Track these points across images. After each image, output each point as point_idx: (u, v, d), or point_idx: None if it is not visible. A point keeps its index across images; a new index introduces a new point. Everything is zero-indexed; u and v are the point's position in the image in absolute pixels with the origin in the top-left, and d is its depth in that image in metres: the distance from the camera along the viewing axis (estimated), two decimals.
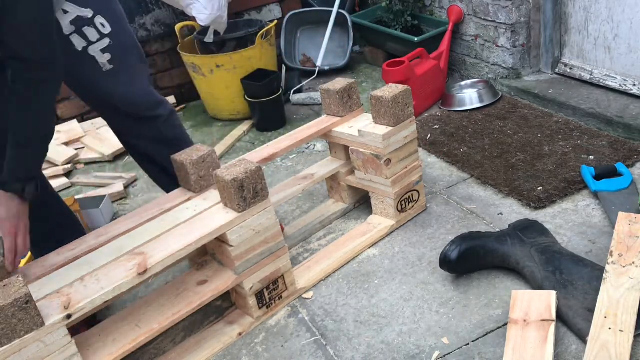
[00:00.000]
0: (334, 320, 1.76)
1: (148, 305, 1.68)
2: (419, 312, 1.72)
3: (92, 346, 1.56)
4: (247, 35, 3.16)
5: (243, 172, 1.63)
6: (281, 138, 2.12)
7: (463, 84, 3.05)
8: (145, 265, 1.51)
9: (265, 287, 1.78)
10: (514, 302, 1.59)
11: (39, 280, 1.54)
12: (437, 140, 2.63)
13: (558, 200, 2.09)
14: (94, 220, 2.45)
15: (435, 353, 1.57)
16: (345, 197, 2.26)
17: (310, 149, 2.81)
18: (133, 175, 2.84)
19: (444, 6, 3.24)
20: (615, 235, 1.69)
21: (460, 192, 2.25)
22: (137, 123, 1.91)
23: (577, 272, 1.65)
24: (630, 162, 2.21)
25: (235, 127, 3.18)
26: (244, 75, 3.12)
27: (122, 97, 1.84)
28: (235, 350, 1.72)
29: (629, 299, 1.50)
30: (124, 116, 1.89)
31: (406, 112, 1.99)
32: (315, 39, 3.77)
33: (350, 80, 2.15)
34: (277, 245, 1.77)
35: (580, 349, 1.49)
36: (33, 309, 1.33)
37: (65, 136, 3.24)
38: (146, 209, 1.82)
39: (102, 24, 1.74)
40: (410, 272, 1.88)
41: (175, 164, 1.85)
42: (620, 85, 2.60)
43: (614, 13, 2.57)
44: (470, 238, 1.80)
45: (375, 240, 2.05)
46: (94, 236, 1.71)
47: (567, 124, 2.54)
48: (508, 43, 2.89)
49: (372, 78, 3.51)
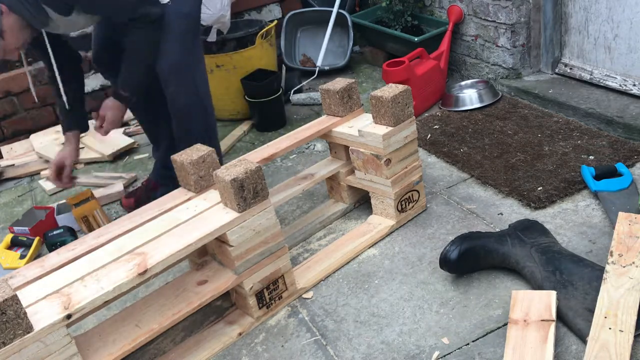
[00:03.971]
0: (334, 320, 1.76)
1: (148, 305, 1.68)
2: (419, 312, 1.72)
3: (92, 346, 1.56)
4: (247, 35, 3.16)
5: (243, 172, 1.63)
6: (281, 138, 2.12)
7: (463, 84, 3.05)
8: (145, 265, 1.51)
9: (265, 287, 1.78)
10: (514, 302, 1.59)
11: (39, 280, 1.54)
12: (437, 140, 2.63)
13: (558, 200, 2.09)
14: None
15: (435, 353, 1.57)
16: (345, 197, 2.26)
17: (310, 149, 2.81)
18: (133, 175, 2.85)
19: (444, 6, 3.24)
20: (615, 235, 1.69)
21: (460, 192, 2.25)
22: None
23: (577, 272, 1.65)
24: (630, 162, 2.21)
25: (235, 127, 3.18)
26: (244, 75, 3.12)
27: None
28: (235, 350, 1.72)
29: (629, 299, 1.50)
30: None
31: (406, 112, 1.99)
32: (315, 39, 3.77)
33: (350, 80, 2.15)
34: (277, 245, 1.77)
35: (580, 349, 1.49)
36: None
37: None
38: (146, 209, 1.83)
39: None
40: (410, 272, 1.88)
41: (175, 164, 1.85)
42: (620, 85, 2.60)
43: (614, 13, 2.57)
44: (470, 238, 1.80)
45: (375, 240, 2.05)
46: (94, 236, 1.72)
47: (567, 124, 2.54)
48: (508, 43, 2.89)
49: (372, 78, 3.51)
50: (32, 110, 3.34)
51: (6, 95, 3.27)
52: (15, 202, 2.84)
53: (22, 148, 3.26)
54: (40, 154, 3.09)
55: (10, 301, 1.30)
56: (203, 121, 2.32)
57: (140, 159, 3.05)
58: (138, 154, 3.11)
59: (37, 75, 3.29)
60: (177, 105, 2.25)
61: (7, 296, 1.30)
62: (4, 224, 2.65)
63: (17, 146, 3.28)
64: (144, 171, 2.90)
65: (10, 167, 3.10)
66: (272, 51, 3.29)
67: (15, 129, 3.34)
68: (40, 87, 3.31)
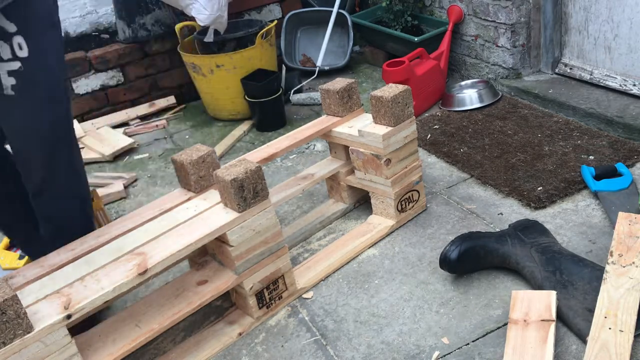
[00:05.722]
0: (334, 320, 1.76)
1: (148, 305, 1.68)
2: (419, 312, 1.72)
3: (92, 346, 1.56)
4: (247, 35, 3.16)
5: (243, 172, 1.63)
6: (281, 138, 2.12)
7: (463, 84, 3.05)
8: (145, 265, 1.51)
9: (265, 287, 1.78)
10: (514, 302, 1.59)
11: (39, 280, 1.54)
12: (437, 140, 2.63)
13: (558, 200, 2.09)
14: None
15: (435, 353, 1.57)
16: (345, 197, 2.26)
17: (310, 149, 2.81)
18: (133, 175, 2.84)
19: (444, 6, 3.24)
20: (615, 235, 1.69)
21: (460, 192, 2.25)
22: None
23: (577, 272, 1.65)
24: (630, 162, 2.21)
25: (235, 127, 3.18)
26: (244, 75, 3.12)
27: (8, 128, 1.64)
28: (235, 350, 1.72)
29: (629, 299, 1.50)
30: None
31: (406, 112, 1.99)
32: (315, 39, 3.77)
33: (350, 80, 2.15)
34: (277, 245, 1.77)
35: (580, 349, 1.49)
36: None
37: None
38: (146, 209, 1.83)
39: (20, 44, 1.54)
40: (410, 272, 1.88)
41: (175, 164, 1.85)
42: (620, 85, 2.60)
43: (614, 13, 2.57)
44: (470, 238, 1.80)
45: (375, 240, 2.05)
46: (94, 236, 1.71)
47: (567, 124, 2.54)
48: (508, 43, 2.89)
49: (372, 78, 3.51)
50: None
51: None
52: None
53: None
54: None
55: (10, 301, 1.30)
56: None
57: (140, 159, 3.05)
58: (138, 154, 3.11)
59: None
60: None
61: (7, 296, 1.30)
62: None
63: None
64: (144, 171, 2.90)
65: None
66: (272, 51, 3.29)
67: None
68: None
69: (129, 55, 3.48)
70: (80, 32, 3.64)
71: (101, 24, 3.87)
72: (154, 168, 2.92)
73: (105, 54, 3.43)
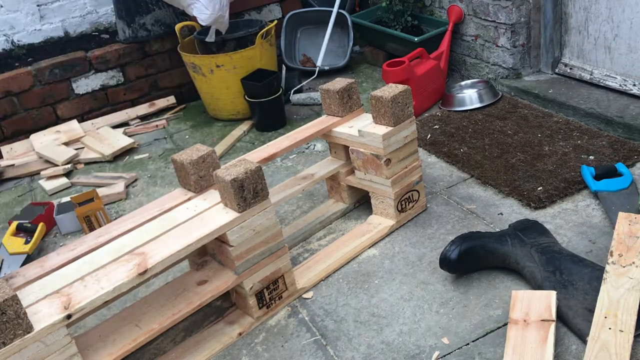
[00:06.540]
0: (334, 320, 1.76)
1: (148, 305, 1.68)
2: (419, 312, 1.72)
3: (92, 346, 1.56)
4: (247, 35, 3.16)
5: (243, 172, 1.63)
6: (281, 138, 2.12)
7: (463, 84, 3.05)
8: (145, 265, 1.51)
9: (265, 287, 1.78)
10: (514, 302, 1.59)
11: (39, 280, 1.54)
12: (437, 140, 2.63)
13: (558, 200, 2.09)
14: (67, 225, 2.46)
15: (435, 353, 1.57)
16: (345, 197, 2.26)
17: (310, 149, 2.81)
18: (133, 175, 2.84)
19: (444, 6, 3.24)
20: (615, 235, 1.69)
21: (460, 192, 2.25)
22: None
23: (577, 272, 1.65)
24: (630, 162, 2.21)
25: (235, 127, 3.19)
26: (244, 75, 3.12)
27: None
28: (235, 350, 1.72)
29: (629, 299, 1.50)
30: None
31: (406, 112, 1.99)
32: (315, 39, 3.77)
33: (350, 80, 2.15)
34: (277, 245, 1.77)
35: (580, 349, 1.49)
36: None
37: (65, 136, 3.24)
38: (146, 209, 1.82)
39: None
40: (410, 272, 1.88)
41: (175, 164, 1.85)
42: (620, 85, 2.60)
43: (614, 13, 2.57)
44: (470, 238, 1.80)
45: (375, 240, 2.05)
46: (94, 236, 1.71)
47: (567, 124, 2.54)
48: (508, 43, 2.89)
49: (372, 78, 3.51)
50: (32, 110, 3.34)
51: (6, 95, 3.26)
52: (15, 202, 2.84)
53: (22, 148, 3.26)
54: (40, 154, 3.08)
55: (10, 301, 1.30)
56: None
57: (140, 159, 3.05)
58: (138, 154, 3.11)
59: (36, 75, 3.29)
60: None
61: (7, 296, 1.30)
62: (4, 224, 2.65)
63: (17, 146, 3.28)
64: (144, 171, 2.90)
65: (10, 167, 3.10)
66: (272, 51, 3.29)
67: (15, 129, 3.34)
68: (40, 87, 3.32)
69: (129, 55, 3.48)
70: (80, 32, 3.65)
71: (101, 24, 3.87)
72: (154, 168, 2.92)
73: (105, 54, 3.43)
